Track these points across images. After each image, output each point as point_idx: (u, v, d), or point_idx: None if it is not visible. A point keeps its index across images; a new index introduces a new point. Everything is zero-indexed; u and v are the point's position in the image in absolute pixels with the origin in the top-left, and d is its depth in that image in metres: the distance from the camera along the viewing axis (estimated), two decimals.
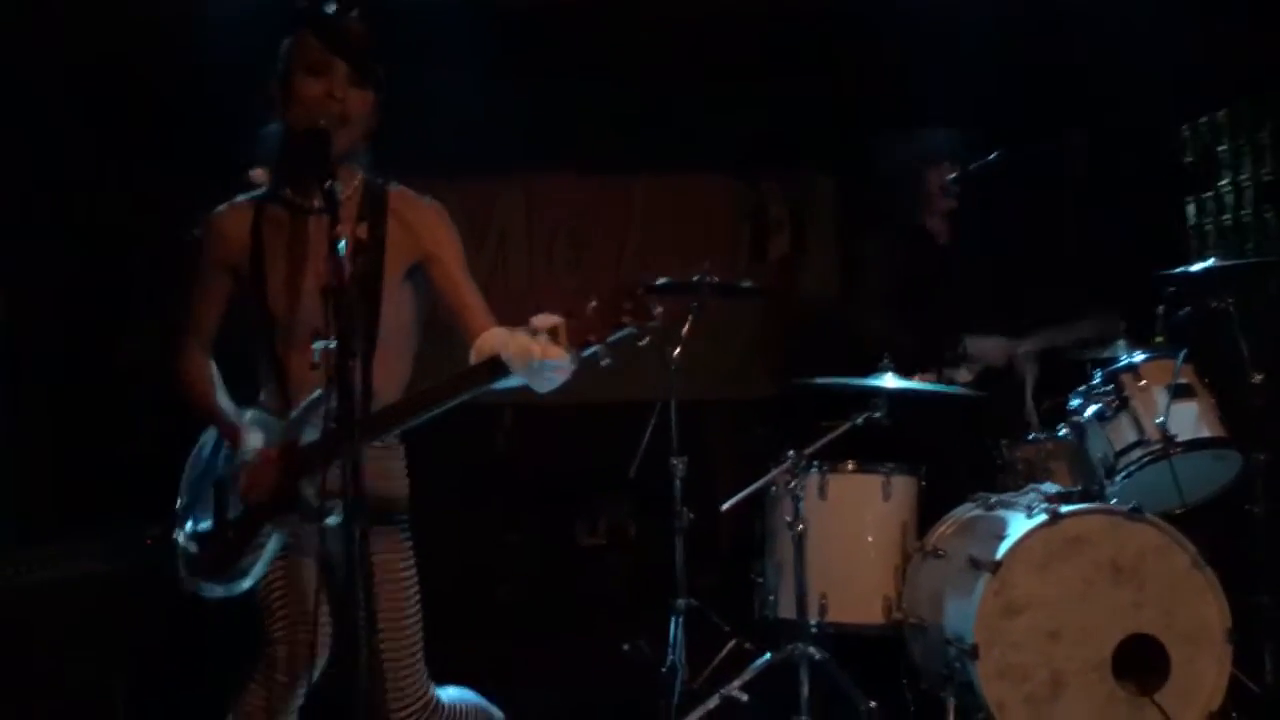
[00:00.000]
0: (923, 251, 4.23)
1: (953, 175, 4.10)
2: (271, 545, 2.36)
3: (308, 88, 2.30)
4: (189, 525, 2.44)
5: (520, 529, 5.46)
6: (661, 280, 3.78)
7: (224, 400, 2.49)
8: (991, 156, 4.00)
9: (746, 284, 4.04)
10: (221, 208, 2.46)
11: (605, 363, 2.05)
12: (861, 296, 4.37)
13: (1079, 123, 4.04)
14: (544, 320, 2.07)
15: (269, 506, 2.32)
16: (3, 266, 4.13)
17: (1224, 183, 4.88)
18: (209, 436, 2.49)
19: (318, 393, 2.23)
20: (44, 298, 4.37)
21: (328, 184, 2.12)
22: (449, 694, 2.59)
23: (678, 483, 3.87)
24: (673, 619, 3.78)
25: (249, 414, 2.43)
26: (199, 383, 2.49)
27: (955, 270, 4.19)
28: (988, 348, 4.02)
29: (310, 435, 2.29)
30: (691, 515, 3.85)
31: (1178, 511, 3.49)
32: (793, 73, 4.92)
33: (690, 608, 3.83)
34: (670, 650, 3.73)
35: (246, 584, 2.37)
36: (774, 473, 3.61)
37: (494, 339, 2.22)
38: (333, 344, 1.98)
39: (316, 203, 2.34)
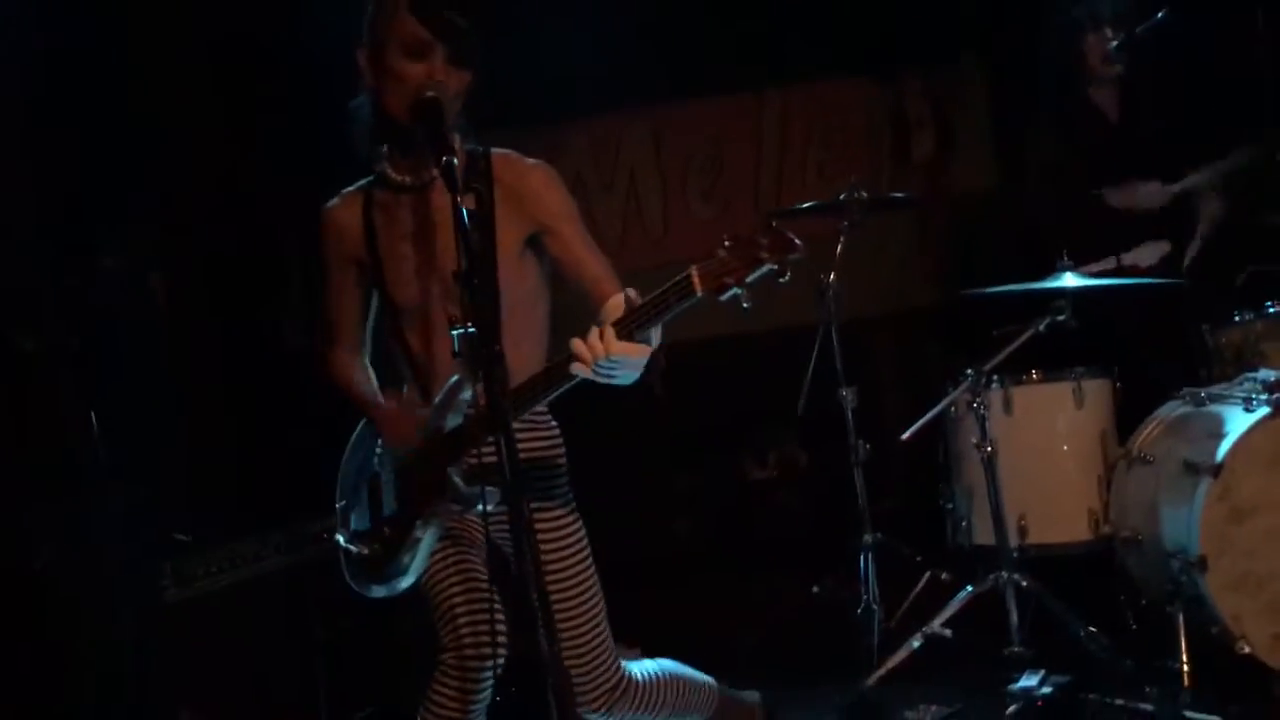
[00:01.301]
0: (1092, 128, 3.87)
1: (1115, 43, 3.70)
2: (428, 539, 2.27)
3: (407, 70, 2.19)
4: (351, 524, 2.39)
5: (689, 468, 5.33)
6: (805, 204, 3.55)
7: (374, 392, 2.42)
8: (1159, 16, 3.60)
9: (897, 195, 3.77)
10: (334, 201, 2.38)
11: (746, 305, 1.88)
12: (1027, 186, 4.05)
13: None
14: (615, 305, 1.98)
15: (420, 500, 2.24)
16: (162, 255, 4.16)
17: None
18: (360, 435, 2.43)
19: (454, 378, 2.17)
20: (203, 287, 4.40)
21: (445, 159, 1.99)
22: (645, 667, 2.49)
23: (849, 414, 3.65)
24: (861, 556, 3.59)
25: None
26: (346, 380, 2.43)
27: (1130, 148, 3.81)
28: (1142, 194, 3.69)
29: (453, 422, 2.21)
30: (868, 446, 3.63)
31: None
32: None
33: (879, 543, 3.63)
34: (863, 589, 3.55)
35: (407, 581, 2.30)
36: (954, 394, 3.37)
37: (615, 310, 2.01)
38: (471, 329, 1.89)
39: (422, 178, 2.27)
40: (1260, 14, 3.58)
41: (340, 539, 2.39)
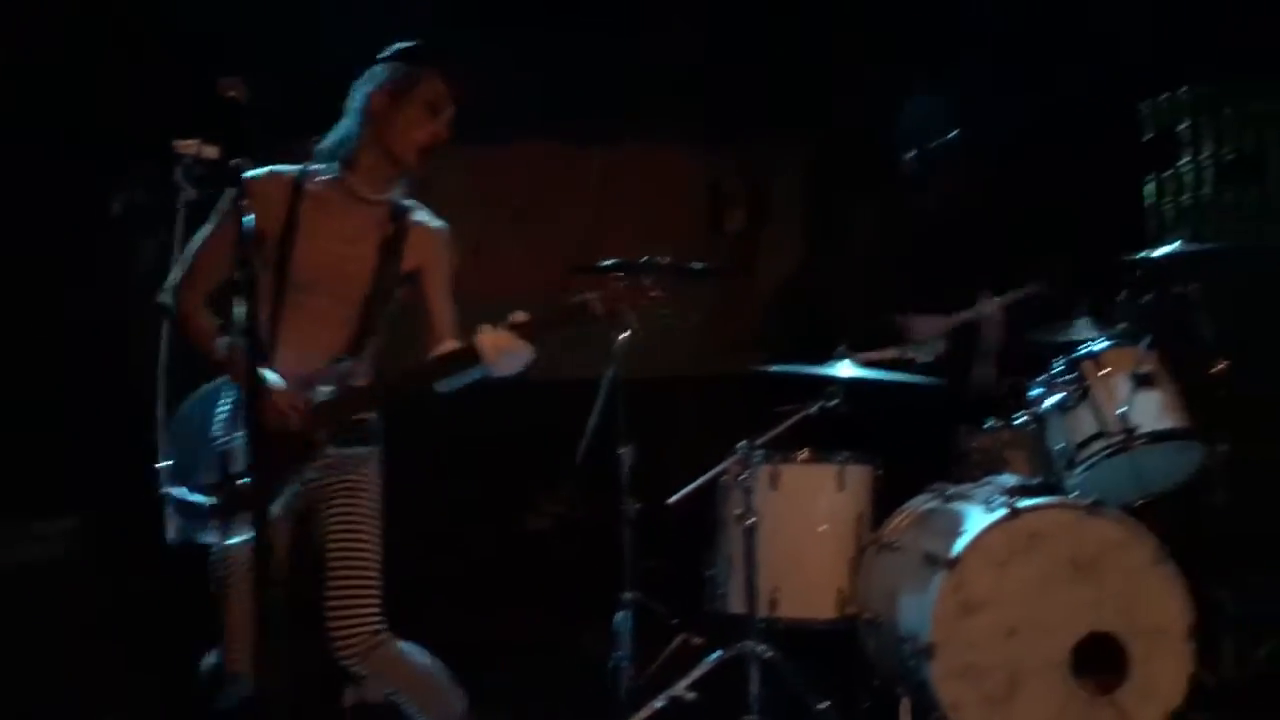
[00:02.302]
0: (900, 234, 4.11)
1: (911, 154, 3.96)
2: (284, 499, 2.56)
3: (422, 121, 2.68)
4: (192, 478, 2.55)
5: (466, 510, 5.29)
6: (609, 262, 3.62)
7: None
8: (950, 135, 3.87)
9: (697, 266, 3.88)
10: (260, 172, 2.60)
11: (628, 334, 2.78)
12: (827, 267, 4.25)
13: (1044, 94, 3.93)
14: (516, 316, 2.59)
15: (282, 462, 2.53)
16: None
17: (1184, 162, 4.79)
18: (206, 396, 2.62)
19: (344, 359, 2.63)
20: None
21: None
22: (414, 650, 2.71)
23: (625, 472, 3.71)
24: (618, 613, 3.64)
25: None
26: (208, 333, 2.61)
27: (923, 244, 4.07)
28: (922, 325, 3.92)
29: (322, 396, 2.58)
30: (638, 506, 3.70)
31: (1138, 503, 3.40)
32: (759, 34, 4.72)
33: (637, 601, 3.69)
34: (616, 646, 3.59)
35: (240, 537, 2.47)
36: (724, 464, 3.48)
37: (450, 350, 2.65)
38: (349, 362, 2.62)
39: (369, 196, 2.71)
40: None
41: (175, 492, 2.54)
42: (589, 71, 4.87)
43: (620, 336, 3.63)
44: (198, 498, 2.53)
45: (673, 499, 3.44)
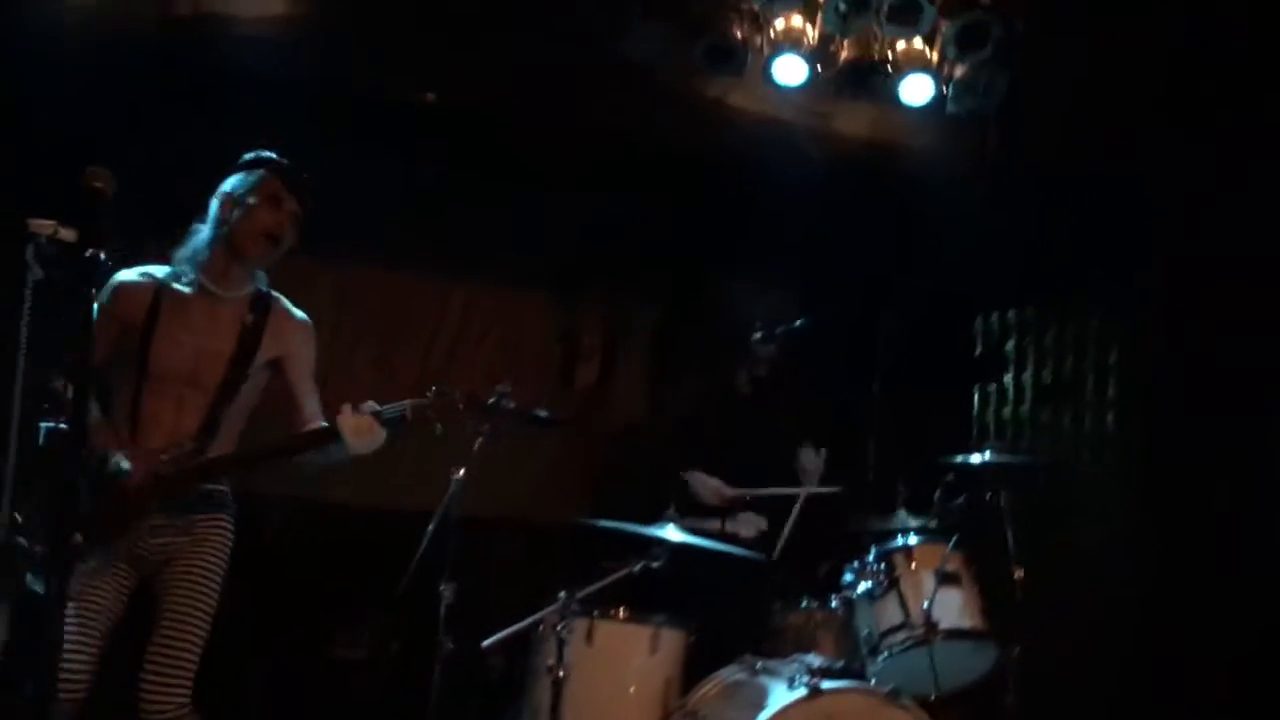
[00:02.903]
0: (725, 400, 4.28)
1: (759, 335, 4.17)
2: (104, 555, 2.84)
3: (261, 213, 3.02)
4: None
5: (277, 630, 5.10)
6: (456, 393, 3.66)
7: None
8: (798, 323, 4.10)
9: (542, 414, 3.96)
10: (129, 274, 3.00)
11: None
12: (663, 429, 4.37)
13: (890, 299, 4.21)
14: (368, 405, 3.01)
15: (119, 518, 2.84)
16: None
17: (1008, 378, 5.15)
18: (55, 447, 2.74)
19: (188, 441, 2.94)
20: None
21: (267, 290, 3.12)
22: None
23: (443, 609, 3.67)
24: None
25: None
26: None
27: (746, 424, 4.24)
28: (706, 487, 4.07)
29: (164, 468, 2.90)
30: (452, 645, 3.65)
31: (932, 698, 3.53)
32: (629, 200, 4.95)
33: None
34: None
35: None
36: (542, 613, 3.49)
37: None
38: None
39: (223, 292, 3.04)
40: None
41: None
42: (462, 209, 5.00)
43: (457, 475, 3.65)
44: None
45: (487, 642, 3.41)
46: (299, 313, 3.16)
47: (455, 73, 4.45)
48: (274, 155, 3.11)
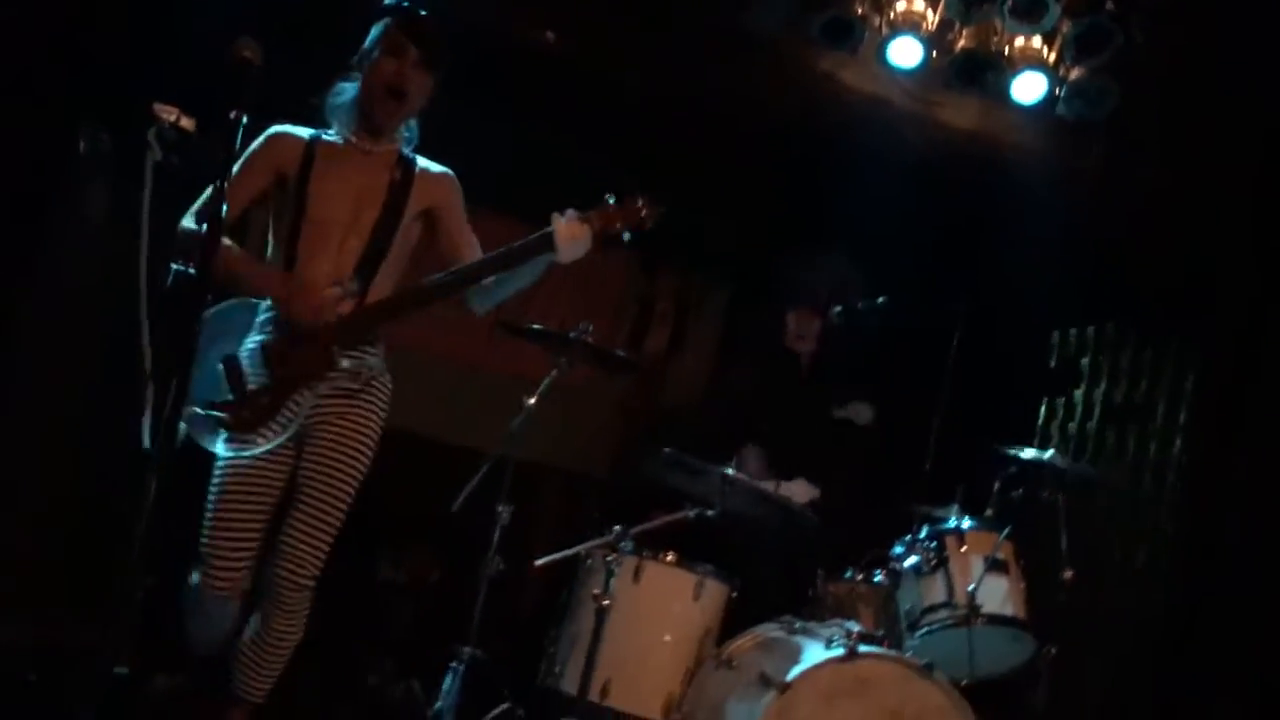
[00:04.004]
0: (784, 374, 4.33)
1: (838, 309, 4.20)
2: (302, 413, 2.93)
3: (385, 65, 3.00)
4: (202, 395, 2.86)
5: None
6: (536, 325, 3.75)
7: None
8: (879, 301, 4.13)
9: (619, 353, 4.04)
10: (284, 127, 3.08)
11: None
12: (718, 407, 4.43)
13: (969, 297, 4.22)
14: (571, 211, 3.10)
15: (300, 373, 2.92)
16: None
17: (1078, 393, 5.13)
18: (220, 315, 2.93)
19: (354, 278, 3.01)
20: None
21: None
22: None
23: (498, 529, 3.76)
24: (451, 666, 3.65)
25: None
26: (232, 255, 2.94)
27: (807, 401, 4.29)
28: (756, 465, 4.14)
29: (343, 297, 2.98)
30: (501, 565, 3.74)
31: (964, 682, 3.55)
32: (718, 173, 4.99)
33: (474, 659, 3.70)
34: (441, 697, 3.59)
35: (260, 449, 2.90)
36: (595, 541, 3.56)
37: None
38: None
39: (372, 148, 3.09)
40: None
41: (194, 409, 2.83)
42: (564, 162, 5.07)
43: (529, 401, 3.73)
44: (217, 413, 2.86)
45: (540, 561, 3.49)
46: (439, 166, 3.20)
47: (577, 25, 4.51)
48: (394, 5, 3.06)
